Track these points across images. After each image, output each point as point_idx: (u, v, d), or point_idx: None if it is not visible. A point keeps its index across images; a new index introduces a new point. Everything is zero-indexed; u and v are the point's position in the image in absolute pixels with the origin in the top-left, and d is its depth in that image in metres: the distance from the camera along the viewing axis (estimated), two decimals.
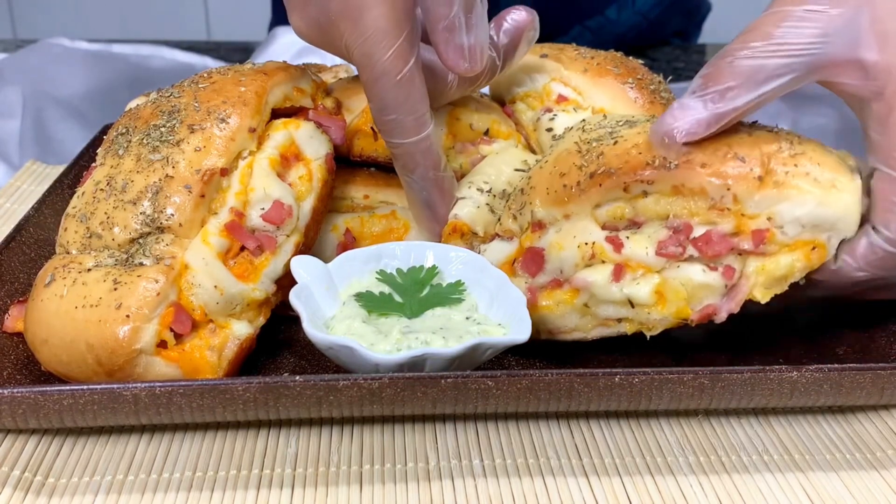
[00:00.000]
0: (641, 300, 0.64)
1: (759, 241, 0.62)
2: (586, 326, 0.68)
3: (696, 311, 0.64)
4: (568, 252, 0.66)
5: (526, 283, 0.69)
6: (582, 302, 0.66)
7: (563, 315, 0.68)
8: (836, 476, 0.62)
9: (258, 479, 0.60)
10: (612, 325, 0.67)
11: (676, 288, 0.63)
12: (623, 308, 0.65)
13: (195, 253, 0.65)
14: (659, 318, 0.64)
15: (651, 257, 0.63)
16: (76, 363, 0.63)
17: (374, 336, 0.63)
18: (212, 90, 0.71)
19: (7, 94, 1.23)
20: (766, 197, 0.61)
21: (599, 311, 0.66)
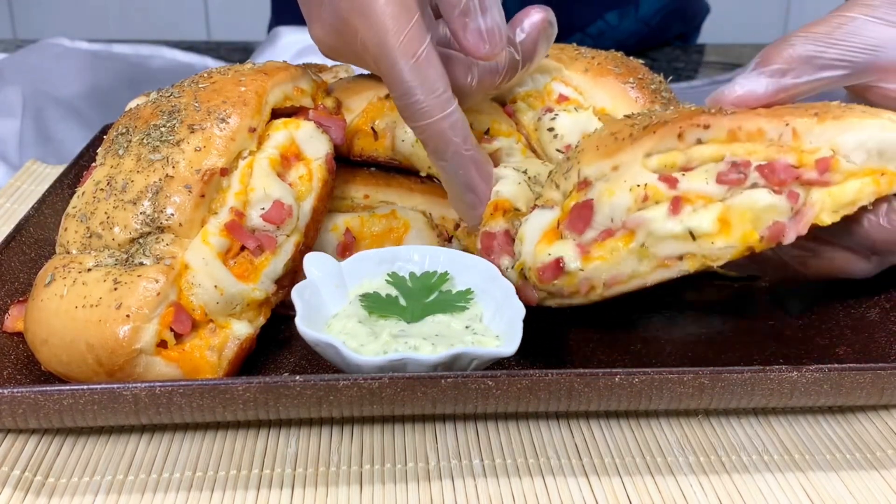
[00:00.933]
0: (704, 229, 0.61)
1: (823, 168, 0.60)
2: (645, 271, 0.64)
3: (763, 232, 0.61)
4: (619, 197, 0.63)
5: (574, 241, 0.65)
6: (638, 244, 0.63)
7: (618, 263, 0.64)
8: (836, 476, 0.62)
9: (258, 479, 0.60)
10: (672, 264, 0.63)
11: (741, 212, 0.61)
12: (684, 243, 0.62)
13: (195, 253, 0.65)
14: (724, 246, 0.61)
15: (711, 186, 0.61)
16: (76, 363, 0.63)
17: (366, 337, 0.63)
18: (212, 90, 0.71)
19: (7, 94, 1.23)
20: (827, 129, 0.61)
21: (658, 251, 0.63)
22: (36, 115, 1.22)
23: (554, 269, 0.65)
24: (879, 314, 0.76)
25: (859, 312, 0.77)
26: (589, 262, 0.64)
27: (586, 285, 0.64)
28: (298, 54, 1.38)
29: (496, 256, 0.70)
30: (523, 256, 0.67)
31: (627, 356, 0.73)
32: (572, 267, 0.64)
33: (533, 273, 0.66)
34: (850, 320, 0.77)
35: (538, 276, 0.66)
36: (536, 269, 0.66)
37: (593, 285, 0.64)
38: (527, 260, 0.67)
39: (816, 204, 0.61)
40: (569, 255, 0.64)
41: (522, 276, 0.68)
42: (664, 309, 0.81)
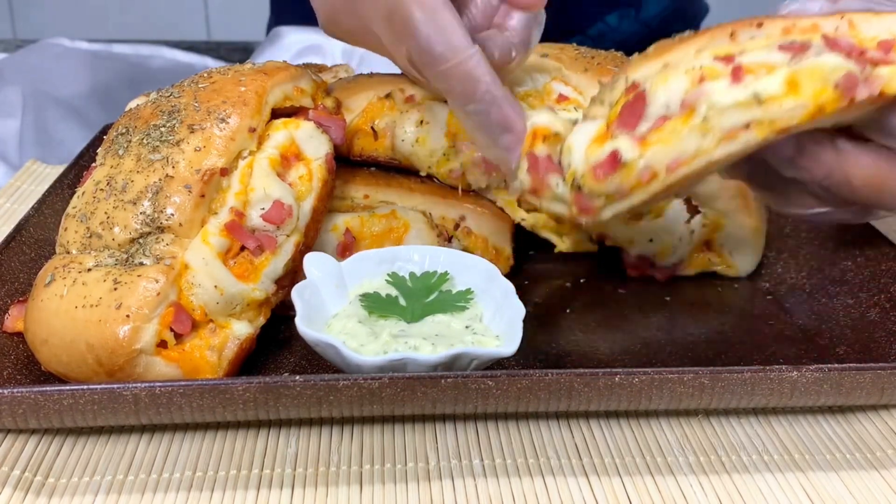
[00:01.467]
0: (771, 92, 0.57)
1: (887, 48, 0.58)
2: (709, 146, 0.59)
3: (838, 82, 0.57)
4: (674, 82, 0.59)
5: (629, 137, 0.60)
6: (700, 119, 0.58)
7: (679, 143, 0.59)
8: (836, 476, 0.62)
9: (258, 479, 0.60)
10: (739, 134, 0.58)
11: (810, 72, 0.57)
12: (749, 110, 0.58)
13: (195, 253, 0.65)
14: (794, 105, 0.57)
15: (774, 54, 0.58)
16: (76, 363, 0.63)
17: (366, 337, 0.63)
18: (212, 90, 0.71)
19: (7, 94, 1.23)
20: (885, 20, 0.59)
21: (722, 123, 0.58)
22: (36, 115, 1.22)
23: (610, 163, 0.60)
24: (879, 314, 0.76)
25: (859, 312, 0.77)
26: (647, 147, 0.60)
27: (647, 174, 0.59)
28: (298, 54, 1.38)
29: (543, 176, 0.65)
30: (574, 165, 0.63)
31: (627, 356, 0.73)
32: (629, 156, 0.60)
33: (588, 176, 0.61)
34: (850, 320, 0.77)
35: (594, 176, 0.61)
36: (591, 167, 0.61)
37: (655, 172, 0.60)
38: (578, 166, 0.62)
39: (885, 76, 0.58)
40: (624, 146, 0.60)
41: (576, 188, 0.63)
42: (664, 309, 0.81)
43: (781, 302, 0.81)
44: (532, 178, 0.66)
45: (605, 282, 0.85)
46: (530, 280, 0.85)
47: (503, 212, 0.86)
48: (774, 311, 0.80)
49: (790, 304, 0.81)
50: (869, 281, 0.80)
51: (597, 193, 0.61)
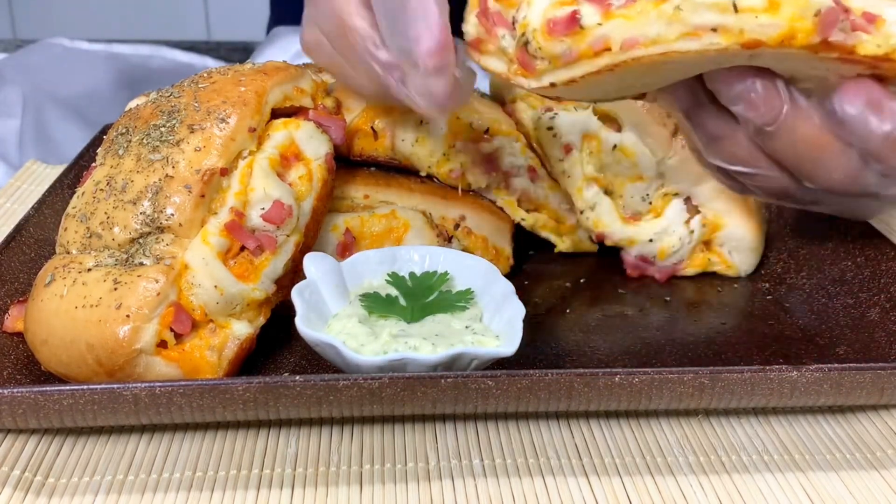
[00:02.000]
0: (751, 3, 0.55)
1: (870, 20, 0.57)
2: (670, 37, 0.57)
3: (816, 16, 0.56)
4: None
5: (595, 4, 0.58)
6: (670, 7, 0.57)
7: (643, 23, 0.57)
8: (836, 476, 0.62)
9: (258, 479, 0.60)
10: (703, 34, 0.57)
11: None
12: (724, 14, 0.56)
13: (195, 253, 0.65)
14: (768, 22, 0.55)
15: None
16: (76, 363, 0.63)
17: (366, 337, 0.63)
18: (212, 90, 0.71)
19: (7, 94, 1.23)
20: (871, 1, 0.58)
21: (692, 18, 0.57)
22: (36, 115, 1.22)
23: (568, 23, 0.58)
24: (879, 314, 0.76)
25: (859, 312, 0.77)
26: (610, 18, 0.58)
27: (601, 43, 0.57)
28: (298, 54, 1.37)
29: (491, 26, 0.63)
30: (529, 18, 0.60)
31: (627, 356, 0.73)
32: (589, 21, 0.58)
33: (541, 30, 0.59)
34: (850, 320, 0.77)
35: (547, 31, 0.59)
36: (546, 21, 0.59)
37: (608, 45, 0.58)
38: (533, 19, 0.60)
39: (861, 35, 0.57)
40: (588, 11, 0.58)
41: (523, 44, 0.61)
42: (664, 309, 0.81)
43: (781, 302, 0.82)
44: (481, 25, 0.63)
45: (605, 282, 0.85)
46: (530, 280, 0.85)
47: (503, 212, 0.86)
48: (774, 311, 0.80)
49: (790, 304, 0.81)
50: (869, 281, 0.80)
51: (544, 52, 0.59)
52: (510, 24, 0.62)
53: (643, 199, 0.84)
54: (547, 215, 0.88)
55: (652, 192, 0.83)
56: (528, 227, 0.87)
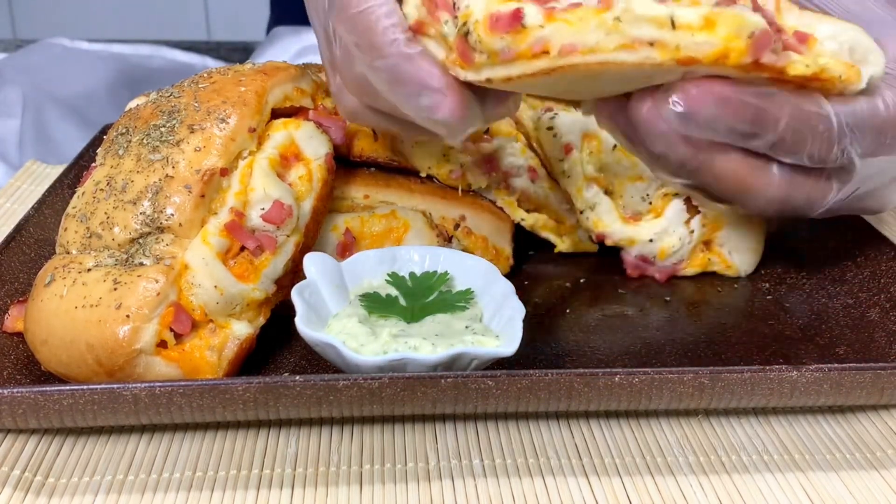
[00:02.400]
0: (688, 20, 0.57)
1: (802, 39, 0.60)
2: (608, 47, 0.58)
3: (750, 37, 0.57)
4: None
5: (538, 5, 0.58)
6: (611, 17, 0.57)
7: (583, 30, 0.57)
8: (836, 476, 0.62)
9: (258, 479, 0.60)
10: (640, 48, 0.57)
11: (730, 18, 0.57)
12: (661, 29, 0.57)
13: (195, 253, 0.65)
14: (704, 40, 0.57)
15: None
16: (76, 363, 0.63)
17: (366, 337, 0.63)
18: (212, 90, 0.71)
19: (7, 94, 1.23)
20: (807, 15, 0.61)
21: (631, 29, 0.57)
22: (36, 115, 1.22)
23: (510, 20, 0.58)
24: (879, 314, 0.76)
25: (859, 312, 0.77)
26: (552, 21, 0.57)
27: (539, 46, 0.57)
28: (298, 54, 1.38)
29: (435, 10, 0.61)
30: (472, 7, 0.59)
31: (627, 356, 0.73)
32: (532, 21, 0.57)
33: (482, 23, 0.58)
34: (850, 320, 0.77)
35: (488, 25, 0.58)
36: (488, 16, 0.58)
37: (547, 48, 0.58)
38: (477, 10, 0.59)
39: (792, 55, 0.59)
40: (531, 11, 0.58)
41: (463, 34, 0.59)
42: (664, 309, 0.81)
43: (781, 302, 0.81)
44: (424, 7, 0.62)
45: (605, 282, 0.85)
46: (530, 280, 0.85)
47: (503, 212, 0.86)
48: (774, 311, 0.80)
49: (790, 304, 0.81)
50: (869, 281, 0.80)
51: (484, 46, 0.59)
52: (452, 10, 0.61)
53: (643, 199, 0.84)
54: (547, 215, 0.88)
55: (652, 192, 0.83)
56: (528, 227, 0.87)
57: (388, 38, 0.59)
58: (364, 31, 0.59)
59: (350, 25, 0.60)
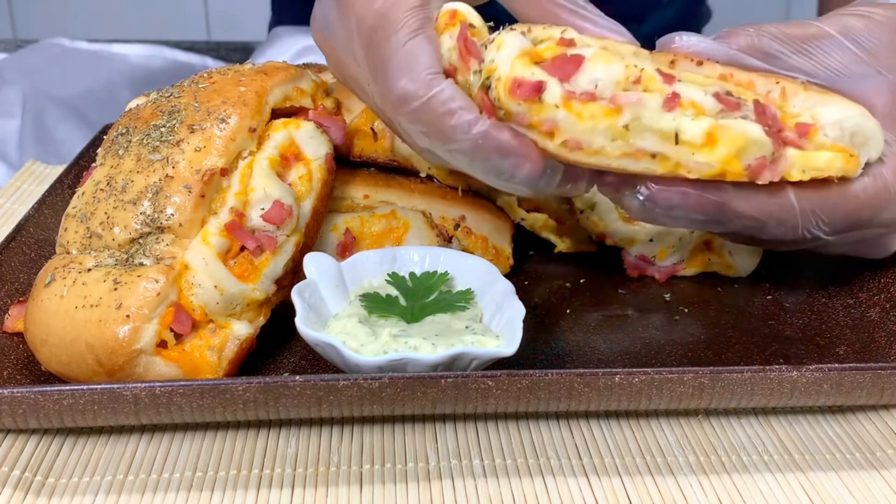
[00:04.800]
0: (691, 137, 0.59)
1: (803, 133, 0.61)
2: (612, 152, 0.59)
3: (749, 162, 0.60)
4: (613, 67, 0.59)
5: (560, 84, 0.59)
6: (622, 123, 0.58)
7: (591, 129, 0.59)
8: (836, 476, 0.62)
9: (258, 479, 0.60)
10: (642, 158, 0.60)
11: (732, 135, 0.59)
12: (665, 142, 0.59)
13: (195, 253, 0.65)
14: (703, 161, 0.59)
15: (708, 99, 0.60)
16: (76, 363, 0.63)
17: (366, 337, 0.63)
18: (212, 90, 0.71)
19: (7, 94, 1.23)
20: (812, 98, 0.62)
21: (636, 140, 0.59)
22: (36, 115, 1.22)
23: (531, 90, 0.58)
24: (879, 314, 0.76)
25: (859, 312, 0.77)
26: (568, 108, 0.58)
27: (549, 125, 0.58)
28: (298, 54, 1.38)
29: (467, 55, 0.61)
30: (498, 63, 0.59)
31: (627, 356, 0.73)
32: (550, 99, 0.58)
33: (504, 84, 0.58)
34: (850, 320, 0.77)
35: (509, 88, 0.58)
36: (511, 79, 0.58)
37: (555, 132, 0.59)
38: (502, 68, 0.59)
39: (790, 158, 0.61)
40: (554, 87, 0.58)
41: (485, 87, 0.60)
42: (664, 309, 0.81)
43: (781, 302, 0.81)
44: (458, 53, 0.62)
45: (605, 282, 0.85)
46: (530, 280, 0.85)
47: (503, 212, 0.86)
48: (774, 311, 0.80)
49: (790, 304, 0.81)
50: (869, 281, 0.80)
51: (502, 105, 0.59)
52: (480, 57, 0.61)
53: None
54: (547, 215, 0.88)
55: None
56: (528, 227, 0.87)
57: (460, 123, 0.59)
58: (432, 122, 0.59)
59: (414, 117, 0.60)
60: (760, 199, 0.62)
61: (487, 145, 0.59)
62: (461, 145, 0.60)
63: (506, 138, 0.59)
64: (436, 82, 0.59)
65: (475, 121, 0.59)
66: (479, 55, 0.61)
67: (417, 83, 0.59)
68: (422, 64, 0.60)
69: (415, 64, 0.60)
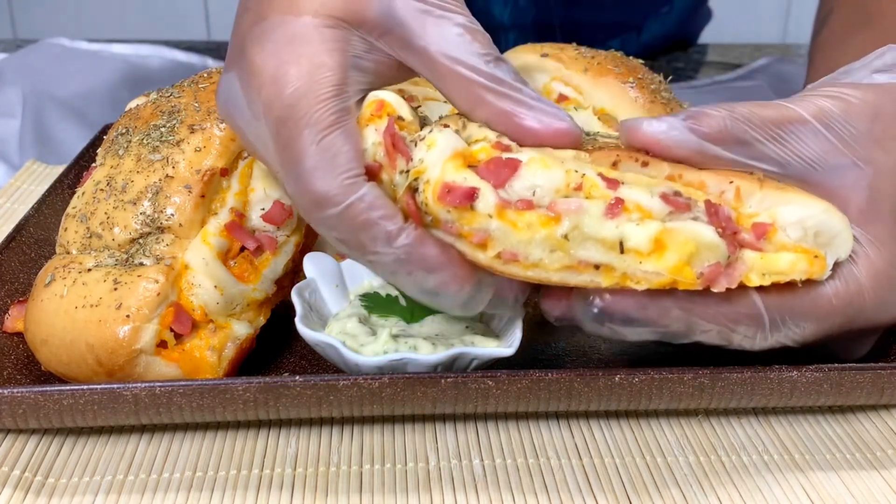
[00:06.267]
0: (637, 244, 0.53)
1: (760, 234, 0.56)
2: (550, 266, 0.55)
3: (702, 269, 0.55)
4: (552, 173, 0.54)
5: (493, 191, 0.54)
6: (561, 233, 0.53)
7: (528, 240, 0.54)
8: (836, 476, 0.62)
9: (258, 479, 0.60)
10: (584, 271, 0.55)
11: (682, 240, 0.54)
12: (608, 252, 0.54)
13: (195, 253, 0.65)
14: (651, 270, 0.54)
15: (655, 202, 0.54)
16: (76, 363, 0.63)
17: (366, 337, 0.63)
18: (212, 90, 0.71)
19: (7, 94, 1.23)
20: (768, 196, 0.57)
21: (578, 251, 0.54)
22: (36, 115, 1.22)
23: (464, 197, 0.53)
24: None
25: None
26: (502, 218, 0.53)
27: (481, 236, 0.54)
28: None
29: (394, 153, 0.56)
30: (427, 164, 0.54)
31: (627, 356, 0.73)
32: (483, 208, 0.53)
33: (434, 188, 0.53)
34: None
35: (438, 194, 0.53)
36: (442, 183, 0.53)
37: (488, 243, 0.54)
38: (432, 171, 0.54)
39: (748, 262, 0.56)
40: (487, 196, 0.53)
41: (411, 189, 0.55)
42: None
43: None
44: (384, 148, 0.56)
45: None
46: None
47: None
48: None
49: None
50: None
51: (430, 211, 0.54)
52: (407, 154, 0.56)
53: None
54: None
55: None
56: None
57: (381, 235, 0.53)
58: (350, 232, 0.54)
59: (330, 225, 0.54)
60: (725, 306, 0.56)
61: (411, 260, 0.54)
62: (381, 258, 0.54)
63: (432, 253, 0.54)
64: (355, 187, 0.53)
65: (397, 232, 0.53)
66: (406, 153, 0.56)
67: (334, 188, 0.52)
68: (339, 165, 0.53)
69: (331, 165, 0.53)
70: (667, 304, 0.55)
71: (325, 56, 0.55)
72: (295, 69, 0.54)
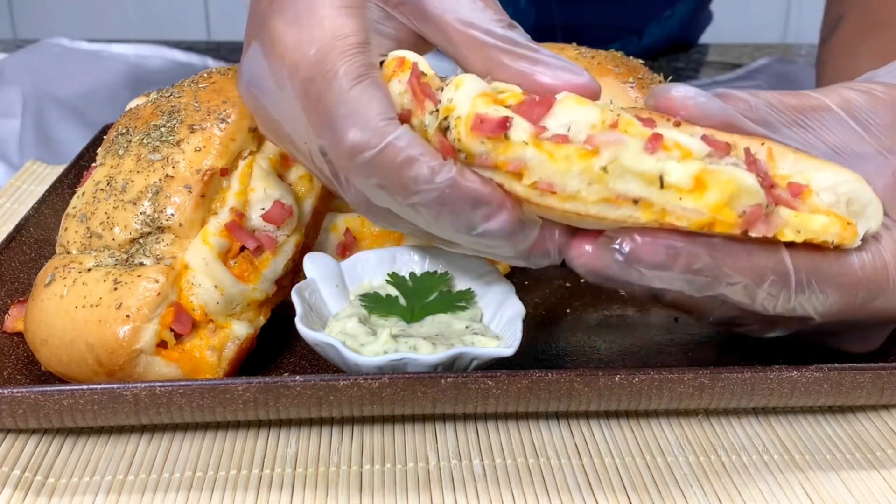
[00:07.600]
0: (677, 180, 0.52)
1: (796, 192, 0.55)
2: (588, 198, 0.53)
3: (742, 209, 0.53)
4: (588, 109, 0.53)
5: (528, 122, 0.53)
6: (600, 165, 0.52)
7: (565, 171, 0.52)
8: (836, 476, 0.62)
9: (258, 479, 0.60)
10: (623, 204, 0.53)
11: (723, 181, 0.52)
12: (648, 187, 0.52)
13: (195, 253, 0.65)
14: (691, 207, 0.52)
15: (695, 141, 0.53)
16: (76, 363, 0.63)
17: (366, 337, 0.63)
18: (212, 90, 0.71)
19: (7, 94, 1.23)
20: (802, 161, 0.56)
21: (616, 184, 0.52)
22: (36, 115, 1.22)
23: (496, 126, 0.52)
24: None
25: None
26: (538, 146, 0.52)
27: (517, 165, 0.52)
28: None
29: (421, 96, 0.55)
30: (456, 102, 0.53)
31: (627, 356, 0.73)
32: (517, 136, 0.52)
33: (466, 121, 0.52)
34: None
35: (471, 125, 0.52)
36: (474, 115, 0.52)
37: (524, 172, 0.53)
38: (461, 106, 0.53)
39: (784, 217, 0.55)
40: (520, 124, 0.52)
41: (442, 129, 0.54)
42: (664, 309, 0.81)
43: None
44: (411, 95, 0.56)
45: None
46: (530, 280, 0.85)
47: None
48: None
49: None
50: None
51: (462, 146, 0.53)
52: (435, 99, 0.55)
53: None
54: None
55: None
56: None
57: (422, 172, 0.52)
58: (390, 173, 0.52)
59: (369, 170, 0.53)
60: (755, 258, 0.55)
61: (456, 194, 0.52)
62: (425, 196, 0.52)
63: (476, 185, 0.52)
64: (390, 128, 0.52)
65: (440, 167, 0.52)
66: (433, 97, 0.55)
67: (369, 131, 0.52)
68: (372, 110, 0.53)
69: (364, 111, 0.52)
70: (697, 250, 0.54)
71: (347, 19, 0.56)
72: (318, 31, 0.55)
